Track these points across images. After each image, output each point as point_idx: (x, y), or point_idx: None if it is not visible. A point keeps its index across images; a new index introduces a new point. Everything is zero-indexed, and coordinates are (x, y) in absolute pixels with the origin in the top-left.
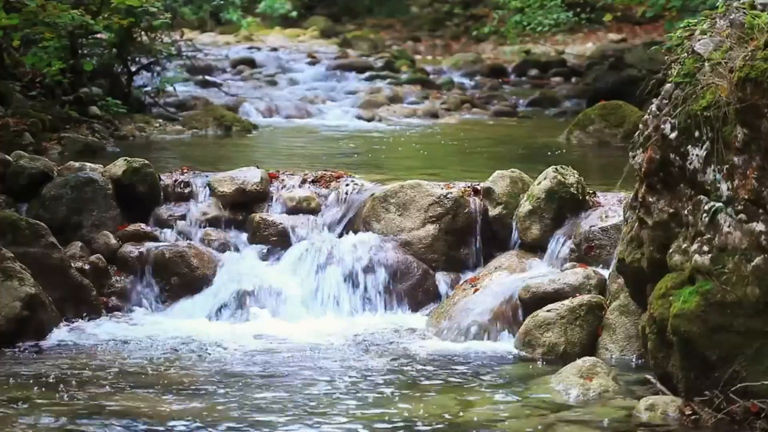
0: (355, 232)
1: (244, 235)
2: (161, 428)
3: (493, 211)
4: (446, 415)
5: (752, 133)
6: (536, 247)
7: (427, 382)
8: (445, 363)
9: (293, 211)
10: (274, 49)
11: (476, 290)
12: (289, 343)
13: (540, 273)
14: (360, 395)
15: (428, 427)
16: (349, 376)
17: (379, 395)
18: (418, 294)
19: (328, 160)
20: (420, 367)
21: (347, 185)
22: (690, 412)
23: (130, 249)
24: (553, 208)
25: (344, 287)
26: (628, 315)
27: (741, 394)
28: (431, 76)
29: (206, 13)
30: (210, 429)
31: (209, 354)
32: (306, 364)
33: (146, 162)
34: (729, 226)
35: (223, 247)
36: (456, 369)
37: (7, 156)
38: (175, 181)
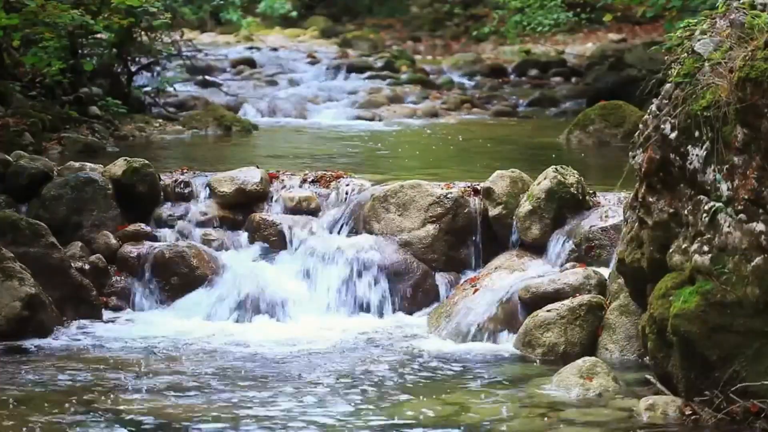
0: (356, 233)
1: (244, 235)
2: (162, 428)
3: (493, 211)
4: (446, 416)
5: (752, 133)
6: (536, 247)
7: (427, 383)
8: (444, 363)
9: (293, 211)
10: (274, 49)
11: (476, 290)
12: (289, 343)
13: (540, 273)
14: (360, 395)
15: (428, 427)
16: (349, 377)
17: (379, 395)
18: (418, 294)
19: (328, 160)
20: (420, 367)
21: (347, 185)
22: (690, 412)
23: (130, 249)
24: (553, 208)
25: (344, 287)
26: (628, 315)
27: (741, 394)
28: (431, 76)
29: (206, 13)
30: (211, 428)
31: (209, 354)
32: (306, 364)
33: (146, 162)
34: (729, 226)
35: (223, 247)
36: (456, 369)
37: (7, 156)
38: (175, 181)
